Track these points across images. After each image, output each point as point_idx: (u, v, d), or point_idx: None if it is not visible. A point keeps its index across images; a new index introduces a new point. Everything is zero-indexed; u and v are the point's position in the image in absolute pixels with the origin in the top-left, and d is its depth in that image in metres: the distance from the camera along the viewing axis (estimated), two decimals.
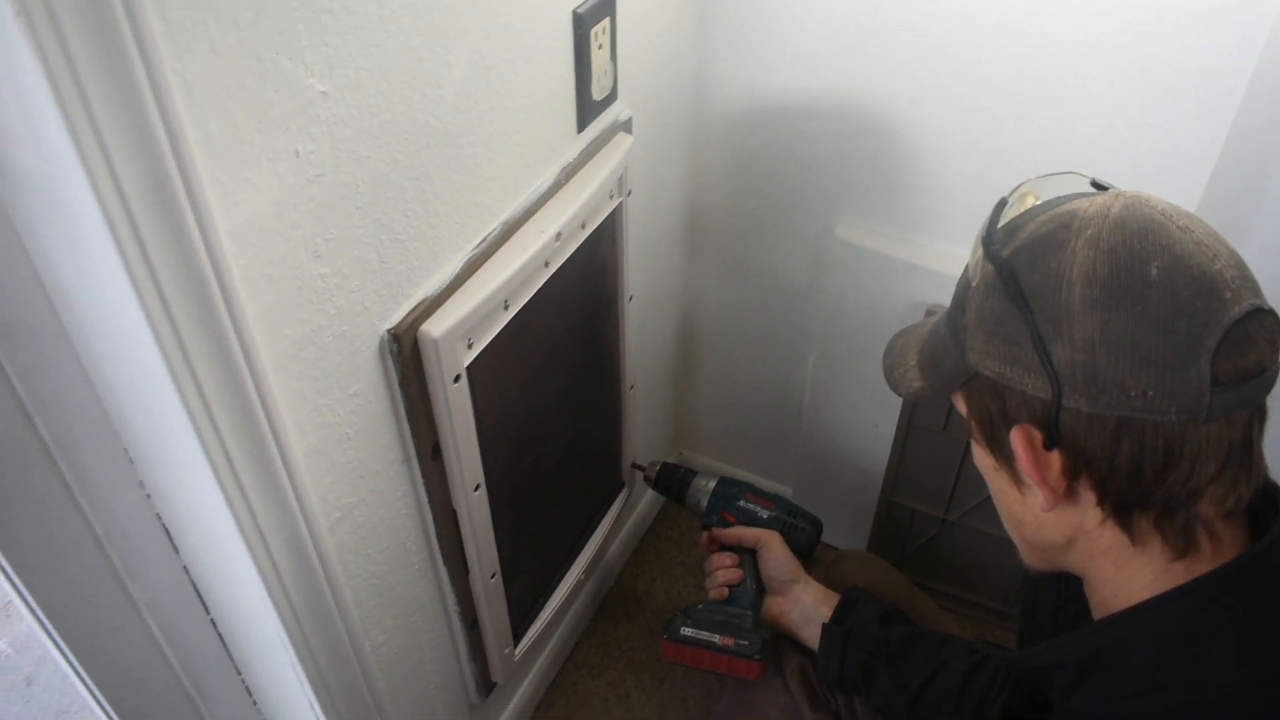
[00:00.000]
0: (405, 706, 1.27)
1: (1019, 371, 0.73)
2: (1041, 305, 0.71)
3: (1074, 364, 0.70)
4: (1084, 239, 0.70)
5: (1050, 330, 0.70)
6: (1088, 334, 0.69)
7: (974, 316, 0.77)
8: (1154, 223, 0.70)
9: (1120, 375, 0.68)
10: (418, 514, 1.13)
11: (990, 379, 0.76)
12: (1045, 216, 0.75)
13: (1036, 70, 1.28)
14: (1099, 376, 0.69)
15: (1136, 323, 0.68)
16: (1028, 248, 0.74)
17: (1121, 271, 0.68)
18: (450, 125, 0.94)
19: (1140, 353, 0.68)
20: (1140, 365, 0.68)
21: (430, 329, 0.97)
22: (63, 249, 0.67)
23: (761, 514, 1.35)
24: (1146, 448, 0.70)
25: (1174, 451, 0.69)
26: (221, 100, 0.68)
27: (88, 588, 0.90)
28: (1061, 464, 0.73)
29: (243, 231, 0.74)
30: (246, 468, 0.82)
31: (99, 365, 0.76)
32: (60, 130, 0.58)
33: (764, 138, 1.55)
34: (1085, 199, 0.74)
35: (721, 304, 1.83)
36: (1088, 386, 0.69)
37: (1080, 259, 0.70)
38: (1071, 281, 0.70)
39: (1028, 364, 0.72)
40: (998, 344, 0.75)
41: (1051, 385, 0.71)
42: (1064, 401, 0.71)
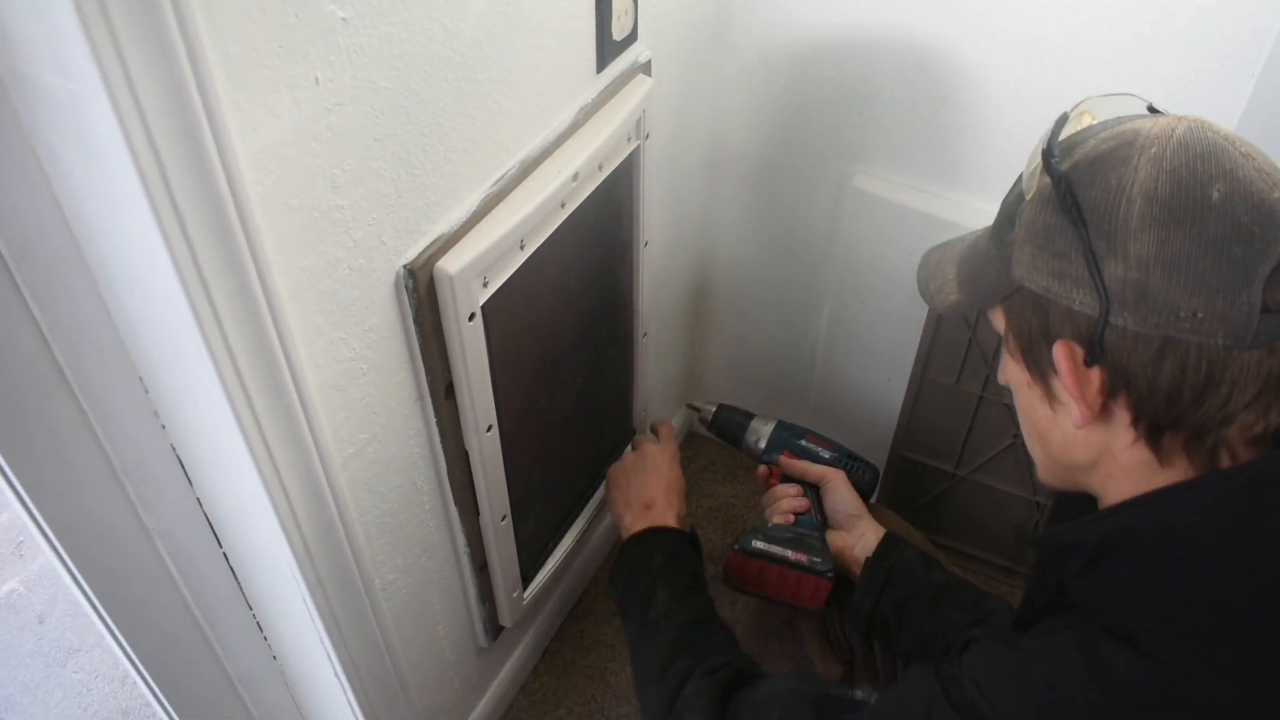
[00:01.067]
0: (414, 646, 1.28)
1: (1067, 286, 0.73)
2: (1098, 220, 0.70)
3: (1125, 281, 0.69)
4: (1147, 157, 0.70)
5: (1104, 246, 0.70)
6: (1143, 252, 0.68)
7: (1024, 230, 0.76)
8: (1217, 146, 0.70)
9: (1171, 295, 0.68)
10: (430, 453, 1.13)
11: (1035, 293, 0.75)
12: (1106, 134, 0.74)
13: (1064, 23, 1.27)
14: (1150, 295, 0.68)
15: (1194, 244, 0.67)
16: (1088, 163, 0.73)
17: (1183, 191, 0.68)
18: (469, 60, 0.93)
19: (1194, 274, 0.67)
20: (1193, 287, 0.67)
21: (446, 265, 0.96)
22: (82, 171, 0.67)
23: (823, 454, 1.36)
24: (1189, 370, 0.70)
25: (1215, 375, 0.69)
26: (242, 22, 0.67)
27: (103, 518, 0.90)
28: (1101, 381, 0.73)
29: (262, 158, 0.73)
30: (262, 399, 0.82)
31: (116, 292, 0.76)
32: (82, 47, 0.57)
33: (784, 84, 1.53)
34: (1148, 119, 0.74)
35: (737, 253, 1.82)
36: (1137, 305, 0.69)
37: (1142, 176, 0.69)
38: (1131, 198, 0.69)
39: (1077, 279, 0.72)
40: (1047, 258, 0.74)
41: (1100, 301, 0.70)
42: (1111, 319, 0.70)
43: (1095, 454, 0.79)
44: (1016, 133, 1.38)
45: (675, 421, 2.12)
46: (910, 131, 1.48)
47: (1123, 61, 1.25)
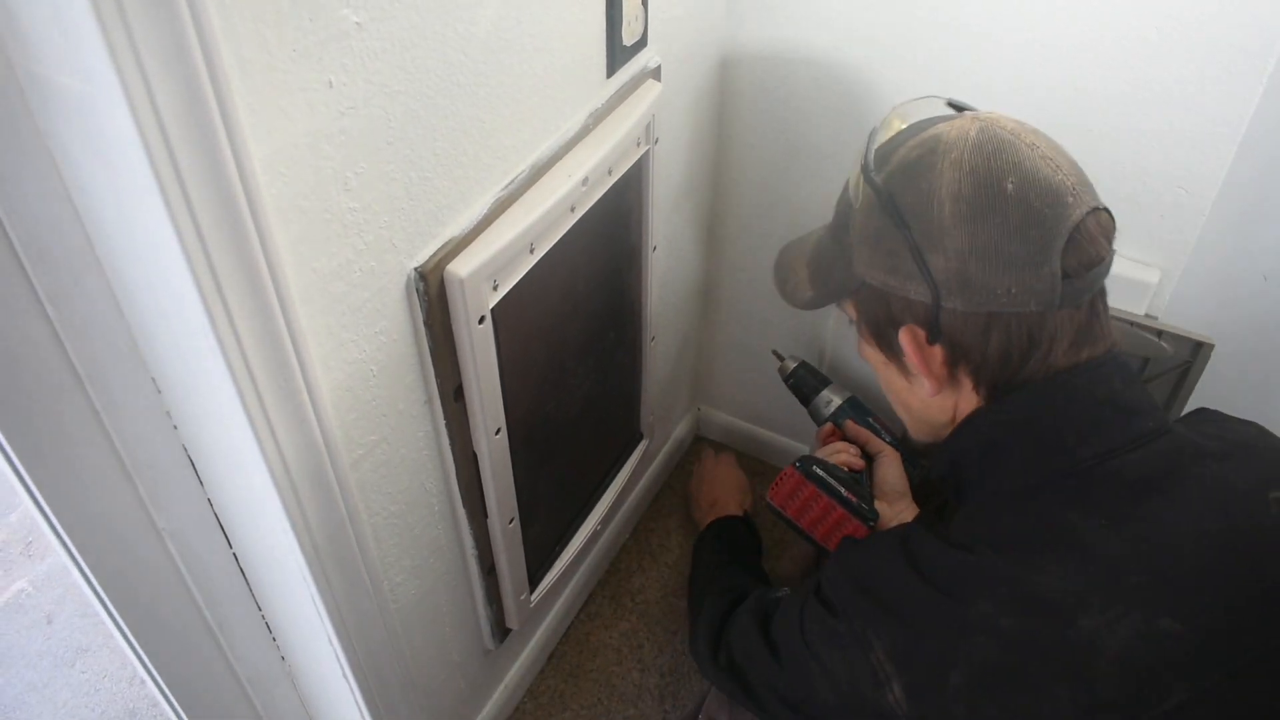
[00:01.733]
0: (421, 648, 1.28)
1: (901, 280, 0.87)
2: (917, 221, 0.84)
3: (948, 271, 0.83)
4: (949, 161, 0.84)
5: (926, 243, 0.84)
6: (959, 244, 0.82)
7: (858, 233, 0.91)
8: (1005, 142, 0.84)
9: (987, 278, 0.82)
10: (438, 455, 1.14)
11: (876, 287, 0.90)
12: (913, 141, 0.88)
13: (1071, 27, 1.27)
14: (970, 280, 0.83)
15: (998, 232, 0.81)
16: (901, 172, 0.87)
17: (982, 188, 0.82)
18: (481, 64, 0.93)
19: (1003, 257, 0.82)
20: (1004, 268, 0.82)
21: (457, 269, 0.97)
22: (97, 172, 0.67)
23: (885, 436, 1.40)
24: (1013, 336, 0.85)
25: (1035, 336, 0.85)
26: (257, 25, 0.67)
27: (114, 517, 0.90)
28: (943, 356, 0.89)
29: (275, 161, 0.73)
30: (273, 400, 0.82)
31: (130, 292, 0.77)
32: (99, 49, 0.58)
33: (793, 89, 1.54)
34: (946, 123, 0.88)
35: (745, 258, 1.82)
36: (961, 290, 0.83)
37: (947, 179, 0.83)
38: (941, 200, 0.83)
39: (909, 273, 0.86)
40: (881, 256, 0.88)
41: (931, 290, 0.85)
42: (942, 303, 0.85)
43: (950, 413, 0.95)
44: None
45: (683, 427, 2.13)
46: None
47: (1130, 66, 1.25)
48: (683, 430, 2.13)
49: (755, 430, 2.13)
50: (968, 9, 1.32)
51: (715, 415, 2.17)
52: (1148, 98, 1.27)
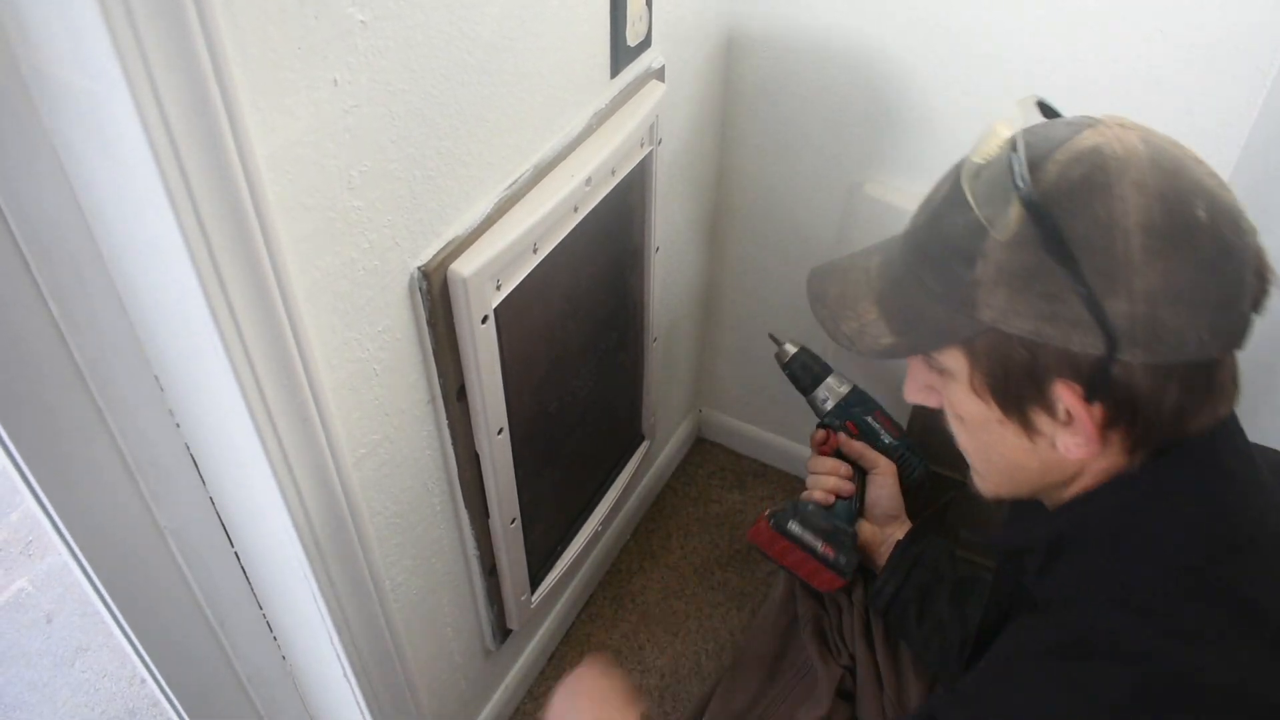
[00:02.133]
0: (422, 648, 1.28)
1: (1062, 328, 0.69)
2: (1092, 257, 0.67)
3: (1134, 318, 0.67)
4: (1129, 182, 0.67)
5: (1104, 285, 0.67)
6: (1149, 285, 0.66)
7: (993, 270, 0.71)
8: (1178, 160, 0.70)
9: (1180, 323, 0.67)
10: (441, 455, 1.14)
11: (1016, 336, 0.71)
12: (1066, 154, 0.70)
13: (1073, 27, 1.27)
14: (1160, 327, 0.67)
15: (1194, 268, 0.67)
16: (1064, 193, 0.69)
17: (1174, 216, 0.67)
18: (486, 63, 0.93)
19: (1198, 298, 0.67)
20: (1198, 310, 0.67)
21: (460, 268, 0.97)
22: (102, 169, 0.67)
23: (884, 438, 1.29)
24: (1194, 388, 0.70)
25: (1210, 386, 0.71)
26: (262, 23, 0.67)
27: (116, 515, 0.90)
28: (1102, 416, 0.71)
29: (279, 158, 0.73)
30: (276, 398, 0.82)
31: (134, 290, 0.77)
32: (106, 47, 0.58)
33: (795, 90, 1.53)
34: (1092, 133, 0.70)
35: (747, 259, 1.82)
36: (1148, 340, 0.67)
37: (1134, 205, 0.66)
38: (1128, 230, 0.66)
39: (1074, 320, 0.68)
40: (1032, 300, 0.69)
41: (1105, 342, 0.67)
42: (1118, 355, 0.68)
43: (1069, 474, 0.79)
44: None
45: (685, 428, 2.13)
46: (922, 138, 1.48)
47: (1132, 70, 1.25)
48: (684, 432, 2.13)
49: (757, 432, 2.13)
50: (970, 12, 1.32)
51: (717, 417, 2.16)
52: (1150, 101, 1.27)
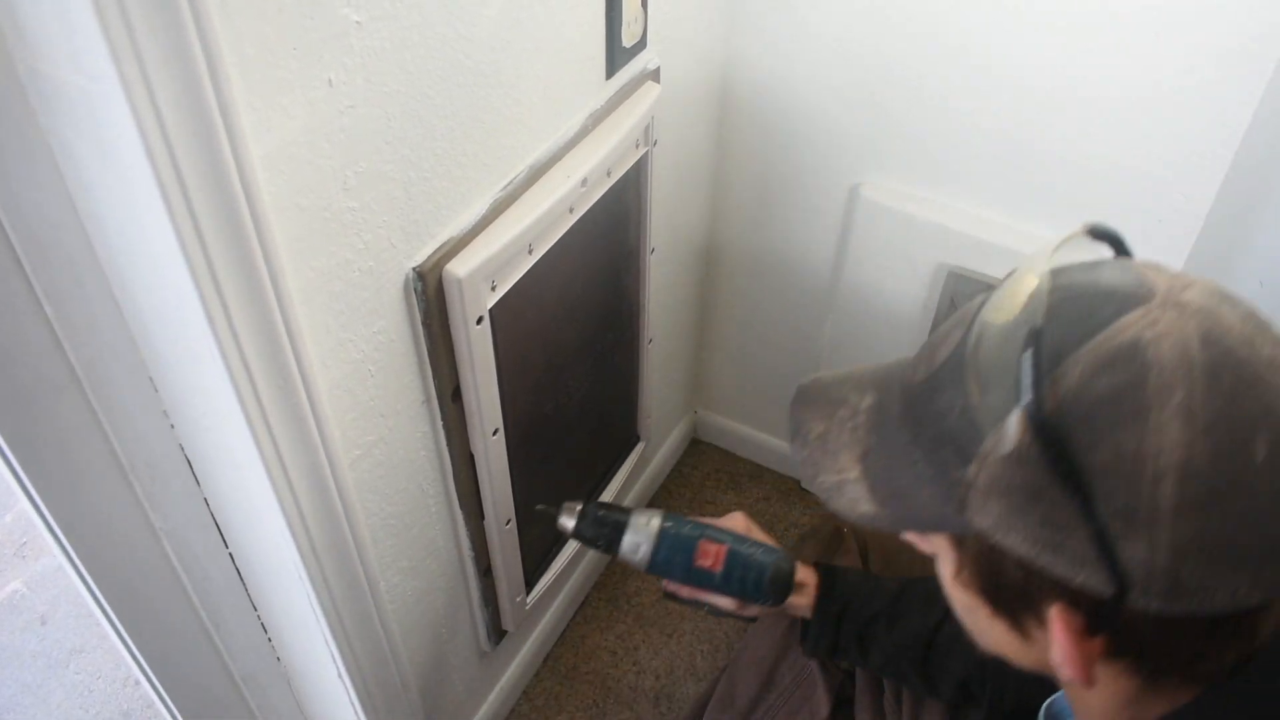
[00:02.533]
0: (417, 649, 1.28)
1: (1064, 561, 0.57)
2: (1111, 494, 0.54)
3: (1152, 567, 0.55)
4: (1173, 408, 0.53)
5: (1122, 525, 0.54)
6: (1178, 538, 0.54)
7: (988, 479, 0.59)
8: (1245, 365, 0.54)
9: (1208, 579, 0.55)
10: (436, 456, 1.14)
11: (1011, 555, 0.60)
12: (1097, 353, 0.56)
13: (1073, 27, 1.27)
14: (1183, 582, 0.55)
15: (1240, 522, 0.54)
16: (1084, 412, 0.55)
17: (1224, 458, 0.53)
18: (481, 64, 0.93)
19: (1240, 555, 0.54)
20: (1237, 568, 0.54)
21: (455, 269, 0.96)
22: (98, 169, 0.67)
23: (715, 579, 1.08)
24: (1218, 635, 0.59)
25: (1241, 630, 0.59)
26: (258, 23, 0.67)
27: (111, 516, 0.90)
28: (1103, 648, 0.60)
29: (274, 159, 0.73)
30: (271, 399, 0.82)
31: (129, 291, 0.77)
32: (101, 46, 0.58)
33: (792, 93, 1.54)
34: (1140, 316, 0.56)
35: (743, 261, 1.82)
36: (1166, 592, 0.55)
37: (1172, 442, 0.53)
38: (1160, 472, 0.53)
39: (1079, 557, 0.56)
40: (1031, 524, 0.58)
41: (1114, 585, 0.55)
42: (1128, 602, 0.56)
43: None
44: (1027, 143, 1.39)
45: (681, 430, 2.13)
46: (918, 142, 1.48)
47: (1129, 71, 1.26)
48: (680, 433, 2.13)
49: (753, 434, 2.13)
50: (968, 14, 1.32)
51: (712, 418, 2.16)
52: (1146, 102, 1.27)
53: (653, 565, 1.09)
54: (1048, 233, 1.45)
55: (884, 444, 0.69)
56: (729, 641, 1.81)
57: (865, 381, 0.74)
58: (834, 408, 0.74)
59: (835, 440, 0.72)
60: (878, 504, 0.68)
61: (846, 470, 0.70)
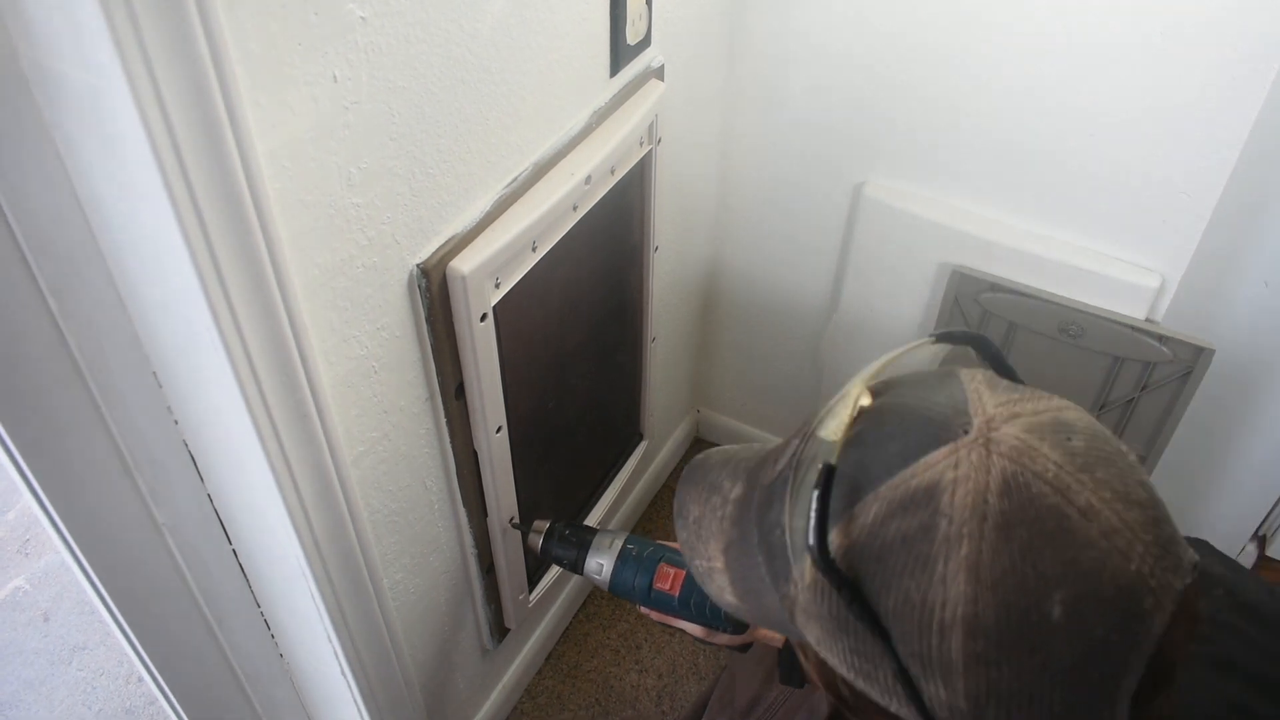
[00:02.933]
0: (420, 646, 1.28)
1: (876, 690, 0.57)
2: (905, 638, 0.53)
3: (953, 710, 0.54)
4: (958, 561, 0.51)
5: (919, 668, 0.54)
6: (972, 688, 0.52)
7: (805, 601, 0.59)
8: (1049, 515, 0.51)
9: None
10: (439, 453, 1.14)
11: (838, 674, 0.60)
12: (894, 494, 0.54)
13: (1075, 31, 1.27)
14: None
15: (1037, 678, 0.52)
16: (875, 553, 0.54)
17: (1014, 614, 0.51)
18: (486, 61, 0.93)
19: (1041, 709, 0.52)
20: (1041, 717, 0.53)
21: (459, 265, 0.96)
22: (102, 164, 0.67)
23: (674, 603, 1.09)
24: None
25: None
26: (263, 19, 0.67)
27: (114, 512, 0.90)
28: None
29: (279, 154, 0.73)
30: (275, 395, 0.82)
31: (133, 285, 0.77)
32: (106, 41, 0.58)
33: (795, 91, 1.54)
34: (947, 454, 0.54)
35: (746, 260, 1.82)
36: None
37: (955, 595, 0.51)
38: (946, 625, 0.52)
39: (887, 689, 0.56)
40: (843, 650, 0.58)
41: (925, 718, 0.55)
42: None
43: None
44: (1031, 142, 1.38)
45: (683, 429, 2.12)
46: (922, 141, 1.48)
47: (1134, 71, 1.25)
48: (682, 432, 2.13)
49: (755, 433, 2.13)
50: (969, 12, 1.32)
51: (715, 418, 2.16)
52: (1151, 103, 1.27)
53: (613, 586, 1.11)
54: (1051, 232, 1.44)
55: (741, 540, 0.67)
56: None
57: (740, 468, 0.72)
58: (710, 493, 0.72)
59: (706, 528, 0.71)
60: (738, 597, 0.68)
61: (714, 559, 0.70)
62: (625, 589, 1.10)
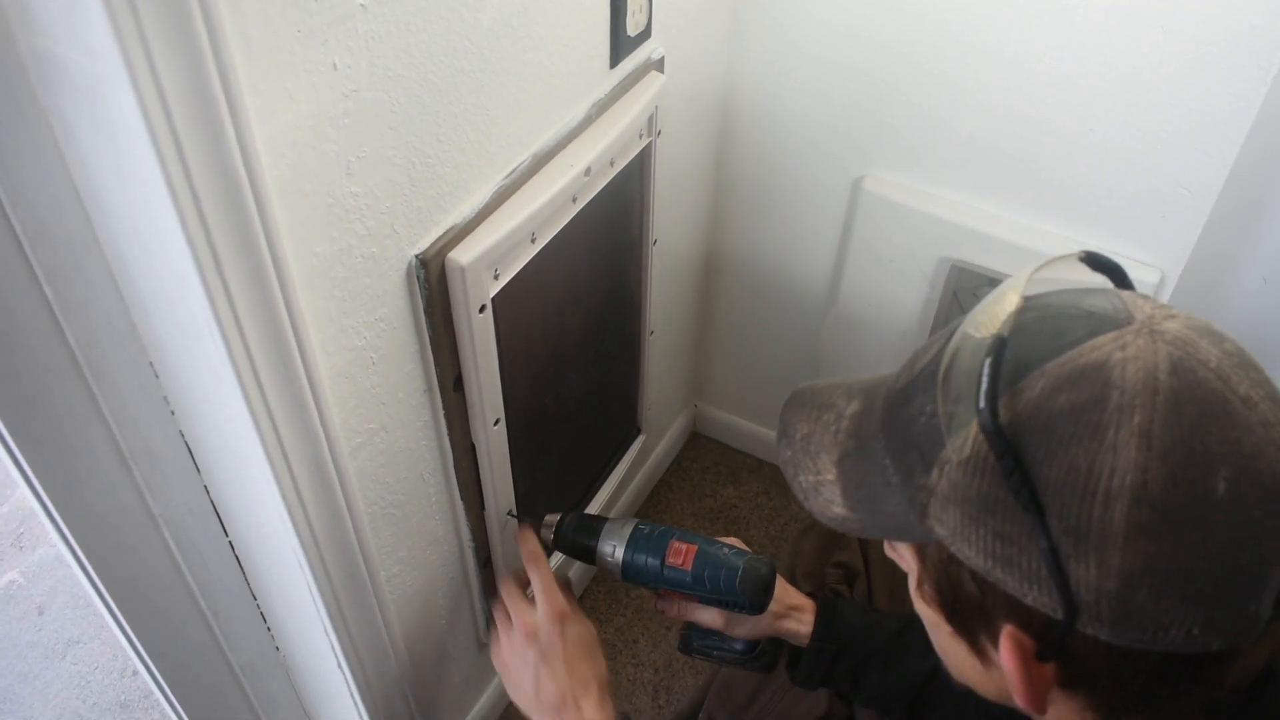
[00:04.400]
0: (416, 640, 1.28)
1: (1016, 578, 0.57)
2: (1063, 511, 0.54)
3: (1102, 593, 0.54)
4: (1130, 429, 0.53)
5: (1071, 545, 0.54)
6: (1128, 564, 0.53)
7: (947, 486, 0.59)
8: (1214, 397, 0.53)
9: (1161, 613, 0.54)
10: (437, 446, 1.13)
11: (967, 566, 0.60)
12: (1062, 369, 0.56)
13: (1073, 26, 1.27)
14: (1133, 612, 0.54)
15: (1195, 554, 0.53)
16: (1042, 424, 0.55)
17: (1181, 486, 0.52)
18: (485, 50, 0.93)
19: (1193, 591, 0.53)
20: (1190, 604, 0.53)
21: (458, 256, 0.96)
22: (99, 150, 0.67)
23: (687, 578, 1.08)
24: (1172, 676, 0.57)
25: (1202, 674, 0.57)
26: (263, 5, 0.67)
27: (110, 503, 0.90)
28: (1054, 675, 0.60)
29: (278, 142, 0.73)
30: (273, 386, 0.81)
31: (130, 273, 0.76)
32: (104, 25, 0.57)
33: (796, 85, 1.53)
34: (1113, 339, 0.56)
35: (744, 254, 1.82)
36: (1116, 620, 0.54)
37: (1125, 462, 0.52)
38: (1112, 494, 0.53)
39: (1030, 574, 0.56)
40: (985, 535, 0.58)
41: (1064, 608, 0.55)
42: (1078, 627, 0.55)
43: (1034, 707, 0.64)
44: (1030, 136, 1.38)
45: (681, 423, 2.12)
46: (922, 135, 1.48)
47: (1134, 66, 1.25)
48: (680, 426, 2.13)
49: (752, 428, 2.13)
50: (971, 8, 1.31)
51: (712, 412, 2.16)
52: (1151, 97, 1.27)
53: (626, 568, 1.11)
54: (1050, 227, 1.44)
55: (861, 449, 0.69)
56: None
57: (855, 389, 0.74)
58: (821, 412, 0.74)
59: (817, 443, 0.73)
60: (849, 508, 0.69)
61: (824, 472, 0.71)
62: (638, 569, 1.10)
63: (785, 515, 2.04)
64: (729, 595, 1.07)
